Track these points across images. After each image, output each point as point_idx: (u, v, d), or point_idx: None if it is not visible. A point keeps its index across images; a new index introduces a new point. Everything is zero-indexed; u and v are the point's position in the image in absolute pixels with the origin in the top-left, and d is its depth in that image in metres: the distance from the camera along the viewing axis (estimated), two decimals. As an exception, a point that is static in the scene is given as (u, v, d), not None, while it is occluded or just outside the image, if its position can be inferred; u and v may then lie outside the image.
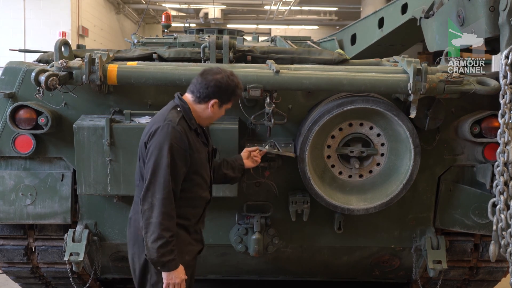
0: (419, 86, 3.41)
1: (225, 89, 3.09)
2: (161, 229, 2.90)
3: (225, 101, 3.13)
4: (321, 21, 25.86)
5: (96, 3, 17.88)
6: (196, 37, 5.30)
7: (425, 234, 4.02)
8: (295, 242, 4.12)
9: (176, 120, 3.00)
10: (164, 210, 2.91)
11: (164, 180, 2.92)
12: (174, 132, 2.95)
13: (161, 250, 2.90)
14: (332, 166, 3.76)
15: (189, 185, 3.07)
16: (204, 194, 3.19)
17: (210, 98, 3.08)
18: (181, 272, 3.01)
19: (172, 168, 2.93)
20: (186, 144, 2.98)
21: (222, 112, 3.18)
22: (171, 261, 2.95)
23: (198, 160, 3.08)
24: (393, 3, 5.11)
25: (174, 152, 2.94)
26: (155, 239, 2.90)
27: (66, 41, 3.72)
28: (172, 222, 2.95)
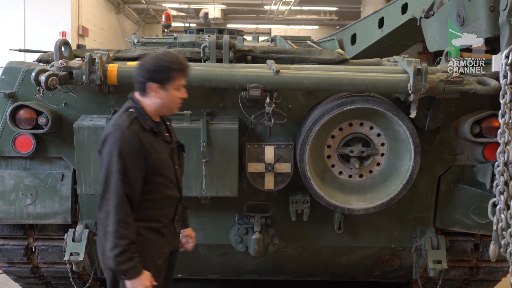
0: (419, 86, 3.41)
1: (157, 69, 2.92)
2: (117, 237, 2.82)
3: (165, 81, 2.93)
4: (321, 21, 25.85)
5: (96, 3, 17.88)
6: (196, 37, 5.30)
7: (425, 234, 4.02)
8: (295, 242, 4.12)
9: (125, 124, 2.89)
10: (117, 218, 2.83)
11: (116, 187, 2.84)
12: (123, 137, 2.86)
13: (119, 259, 2.82)
14: (332, 166, 3.76)
15: (152, 187, 2.98)
16: (171, 193, 3.09)
17: (148, 86, 2.94)
18: (145, 279, 2.90)
19: (124, 174, 2.84)
20: (136, 148, 2.87)
21: (174, 93, 2.97)
22: (131, 269, 2.85)
23: (158, 161, 2.97)
24: (393, 3, 5.11)
25: (124, 157, 2.84)
26: (112, 248, 2.82)
27: (66, 41, 3.72)
28: (128, 230, 2.85)
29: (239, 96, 3.63)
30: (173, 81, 2.94)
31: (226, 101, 3.84)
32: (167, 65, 2.92)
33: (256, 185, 3.84)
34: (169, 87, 2.94)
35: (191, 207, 3.96)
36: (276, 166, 3.80)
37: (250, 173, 3.81)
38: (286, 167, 3.81)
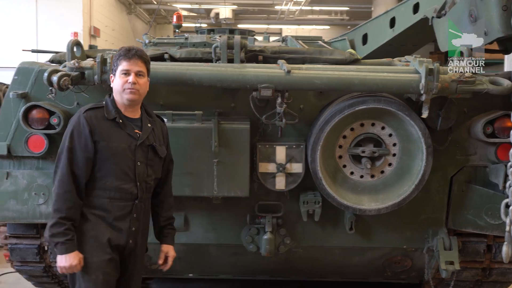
0: (431, 86, 3.39)
1: (112, 62, 3.25)
2: (54, 209, 3.07)
3: (114, 69, 3.20)
4: (332, 21, 25.79)
5: (108, 3, 17.95)
6: (207, 37, 5.30)
7: (438, 235, 4.00)
8: (307, 242, 4.12)
9: (85, 108, 3.17)
10: (58, 191, 3.07)
11: (63, 163, 3.08)
12: (78, 119, 3.13)
13: (52, 230, 3.04)
14: (344, 166, 3.75)
15: (103, 174, 3.14)
16: (125, 186, 3.17)
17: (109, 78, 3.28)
18: (74, 258, 3.05)
19: (70, 152, 3.08)
20: (87, 130, 3.09)
21: (119, 78, 3.15)
22: (61, 244, 3.03)
23: (110, 149, 3.13)
24: (405, 3, 5.09)
25: (74, 137, 3.10)
26: (50, 219, 3.06)
27: (78, 41, 3.74)
28: (66, 205, 3.04)
29: (250, 96, 3.63)
30: (118, 67, 3.17)
31: (237, 101, 3.84)
32: (115, 55, 3.22)
33: (267, 185, 3.84)
34: (117, 73, 3.19)
35: (202, 207, 3.98)
36: (288, 166, 3.80)
37: (261, 173, 3.81)
38: (298, 167, 3.81)
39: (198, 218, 4.06)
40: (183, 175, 3.72)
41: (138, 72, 3.17)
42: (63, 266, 3.04)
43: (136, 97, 3.18)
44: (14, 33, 13.21)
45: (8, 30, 12.10)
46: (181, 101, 3.82)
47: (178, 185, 3.71)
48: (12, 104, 3.82)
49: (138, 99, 3.21)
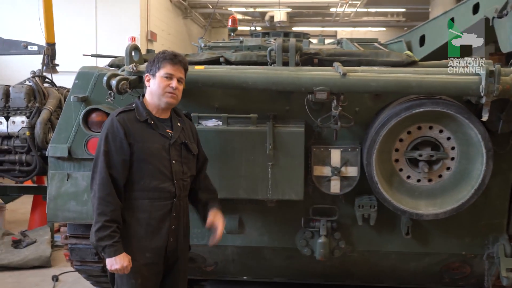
0: (491, 88, 3.30)
1: (150, 61, 3.30)
2: (98, 213, 3.07)
3: (154, 70, 3.25)
4: (388, 22, 25.45)
5: (164, 8, 18.25)
6: (262, 40, 5.32)
7: (498, 241, 3.90)
8: (362, 247, 4.07)
9: (117, 112, 3.23)
10: (99, 195, 3.09)
11: (100, 167, 3.11)
12: (111, 122, 3.17)
13: (98, 234, 3.05)
14: (400, 170, 3.69)
15: (141, 175, 3.18)
16: (163, 185, 3.22)
17: (144, 78, 3.34)
18: (124, 259, 3.08)
19: (108, 155, 3.12)
20: (122, 133, 3.13)
21: (161, 81, 3.22)
22: (109, 247, 3.05)
23: (145, 150, 3.18)
24: (464, 3, 4.97)
25: (109, 140, 3.14)
26: (94, 223, 3.08)
27: (136, 46, 3.81)
28: (109, 208, 3.07)
29: (305, 99, 3.62)
30: (160, 69, 3.23)
31: (292, 104, 3.83)
32: (156, 56, 3.26)
33: (322, 189, 3.82)
34: (157, 75, 3.23)
35: (257, 210, 3.99)
36: (343, 169, 3.77)
37: (316, 176, 3.80)
38: (353, 170, 3.78)
39: (252, 220, 4.07)
40: (238, 178, 3.74)
41: (180, 79, 3.27)
42: (115, 268, 3.08)
43: (175, 102, 3.28)
44: (74, 39, 13.57)
45: (69, 36, 12.43)
46: (236, 104, 3.84)
47: (233, 188, 3.74)
48: (73, 108, 3.94)
49: (175, 103, 3.31)
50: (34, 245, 6.29)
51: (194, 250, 4.17)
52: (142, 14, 15.42)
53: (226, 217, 3.99)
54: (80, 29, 14.49)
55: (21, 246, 6.29)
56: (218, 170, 3.73)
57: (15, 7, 14.16)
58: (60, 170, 3.99)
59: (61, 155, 3.94)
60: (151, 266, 3.23)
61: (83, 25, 14.67)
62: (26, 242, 6.31)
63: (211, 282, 5.34)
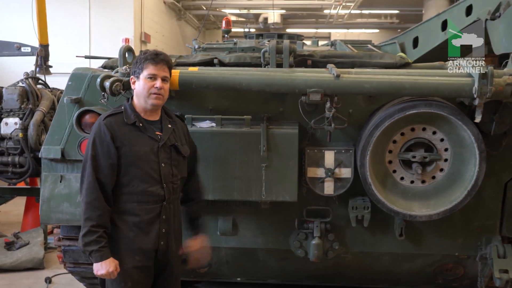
0: (484, 90, 3.31)
1: (134, 63, 3.27)
2: (84, 218, 3.07)
3: (138, 71, 3.22)
4: (382, 24, 25.50)
5: (158, 10, 18.23)
6: (256, 42, 5.32)
7: (491, 243, 3.91)
8: (355, 248, 4.08)
9: (104, 116, 3.20)
10: (87, 200, 3.09)
11: (88, 171, 3.11)
12: (98, 127, 3.16)
13: (85, 239, 3.05)
14: (394, 171, 3.70)
15: (129, 179, 3.16)
16: (151, 188, 3.19)
17: (131, 81, 3.30)
18: (110, 264, 3.07)
19: (94, 159, 3.11)
20: (108, 136, 3.11)
21: (145, 82, 3.19)
22: (95, 252, 3.04)
23: (133, 153, 3.16)
24: (457, 5, 4.99)
25: (96, 144, 3.13)
26: (82, 228, 3.08)
27: (130, 47, 3.81)
28: (96, 213, 3.06)
29: (299, 101, 3.62)
30: (143, 71, 3.20)
31: (286, 106, 3.84)
32: (139, 58, 3.23)
33: (316, 190, 3.83)
34: (141, 76, 3.19)
35: (250, 212, 3.99)
36: (336, 171, 3.77)
37: (310, 178, 3.80)
38: (346, 172, 3.78)
39: (246, 222, 4.07)
40: (232, 179, 3.73)
41: (164, 77, 3.23)
42: (101, 273, 3.07)
43: (161, 102, 3.25)
44: (68, 40, 13.53)
45: (62, 37, 12.41)
46: (230, 105, 3.84)
47: (226, 189, 3.74)
48: (66, 109, 3.93)
49: (161, 103, 3.28)
50: (27, 247, 6.27)
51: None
52: (135, 16, 15.39)
53: (220, 219, 4.00)
54: (74, 31, 14.46)
55: (14, 248, 6.27)
56: (212, 171, 3.73)
57: (8, 8, 14.11)
58: (53, 171, 3.98)
59: (54, 157, 3.93)
60: (141, 269, 3.21)
61: (77, 27, 14.64)
62: (19, 244, 6.29)
63: (204, 284, 5.33)
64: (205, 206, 4.01)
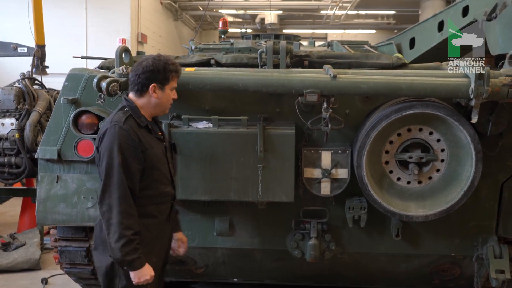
0: (481, 91, 3.31)
1: (155, 70, 3.12)
2: (122, 228, 2.93)
3: (163, 81, 3.15)
4: (379, 25, 25.53)
5: (155, 10, 18.23)
6: (253, 42, 5.32)
7: (487, 243, 3.92)
8: (352, 249, 4.08)
9: (122, 120, 3.05)
10: (122, 209, 2.95)
11: (118, 179, 2.96)
12: (121, 131, 3.00)
13: (125, 249, 2.93)
14: (390, 172, 3.70)
15: (149, 182, 3.11)
16: (167, 189, 3.23)
17: (147, 86, 3.13)
18: (149, 269, 3.04)
19: (125, 166, 2.98)
20: (135, 141, 3.03)
21: (169, 94, 3.20)
22: (136, 260, 2.97)
23: (153, 156, 3.13)
24: (454, 6, 5.00)
25: (124, 150, 2.99)
26: (118, 239, 2.93)
27: (126, 48, 3.79)
28: (132, 220, 2.98)
29: (296, 102, 3.62)
30: (170, 82, 3.18)
31: (283, 107, 3.84)
32: (163, 67, 3.13)
33: (313, 191, 3.83)
34: (166, 88, 3.15)
35: (247, 212, 3.99)
36: (333, 171, 3.77)
37: (306, 178, 3.80)
38: (343, 172, 3.78)
39: (243, 223, 4.07)
40: (228, 180, 3.73)
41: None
42: (145, 279, 3.01)
43: None
44: (64, 41, 13.52)
45: (59, 38, 12.39)
46: (226, 106, 3.84)
47: (223, 190, 3.74)
48: (63, 110, 3.92)
49: None
50: (23, 247, 6.25)
51: (184, 252, 4.16)
52: (132, 16, 15.39)
53: (217, 219, 4.00)
54: (70, 31, 14.45)
55: (10, 249, 6.25)
56: (209, 172, 3.73)
57: (4, 8, 14.10)
58: (50, 172, 3.97)
59: (51, 157, 3.92)
60: (156, 270, 3.17)
61: (73, 27, 14.63)
62: (15, 245, 6.27)
63: (201, 284, 5.33)
64: (201, 207, 4.02)
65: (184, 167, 3.71)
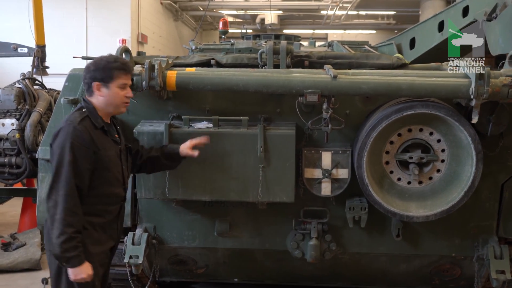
0: (481, 91, 3.32)
1: (96, 68, 3.19)
2: (64, 224, 2.99)
3: (106, 79, 3.18)
4: (379, 25, 25.52)
5: (155, 10, 18.22)
6: (253, 43, 5.32)
7: (488, 243, 3.92)
8: (353, 249, 4.08)
9: (77, 120, 3.11)
10: (66, 206, 3.01)
11: (66, 177, 3.02)
12: (74, 131, 3.06)
13: (64, 246, 2.99)
14: (391, 172, 3.70)
15: (98, 183, 3.17)
16: (117, 190, 3.29)
17: (91, 85, 3.20)
18: (87, 268, 3.08)
19: (74, 165, 3.04)
20: (87, 142, 3.08)
21: (117, 92, 3.21)
22: (75, 257, 3.02)
23: (106, 158, 3.18)
24: (454, 6, 5.00)
25: (75, 149, 3.04)
26: (59, 235, 2.99)
27: (127, 48, 3.80)
28: (76, 218, 3.04)
29: (296, 102, 3.62)
30: (115, 80, 3.19)
31: (283, 107, 3.84)
32: (106, 64, 3.17)
33: (313, 191, 3.83)
34: (111, 85, 3.17)
35: (247, 212, 4.00)
36: (333, 172, 3.77)
37: (307, 178, 3.80)
38: (344, 173, 3.78)
39: (243, 223, 4.07)
40: (229, 180, 3.73)
41: (130, 85, 3.31)
42: (81, 277, 3.06)
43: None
44: (65, 41, 13.51)
45: (59, 38, 12.38)
46: (227, 106, 3.84)
47: (223, 190, 3.73)
48: (63, 110, 3.92)
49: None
50: (24, 247, 6.25)
51: (185, 252, 4.17)
52: (132, 17, 15.39)
53: (217, 220, 4.00)
54: (71, 31, 14.45)
55: (10, 249, 6.25)
56: (209, 172, 3.73)
57: (5, 9, 14.09)
58: (51, 172, 3.96)
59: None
60: (104, 266, 3.32)
61: (74, 27, 14.63)
62: (16, 245, 6.27)
63: (202, 285, 5.33)
64: (202, 207, 4.01)
65: (184, 167, 3.71)
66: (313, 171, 3.80)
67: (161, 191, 3.77)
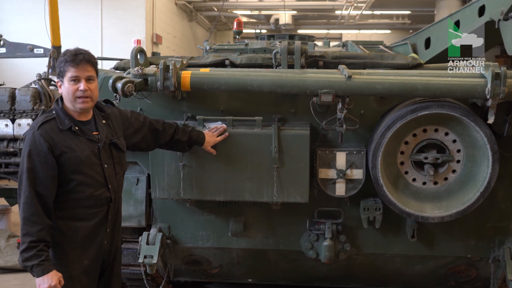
0: (497, 91, 3.29)
1: (57, 65, 3.10)
2: (22, 234, 2.94)
3: (61, 74, 3.08)
4: (394, 25, 25.41)
5: (170, 11, 18.28)
6: (267, 43, 5.32)
7: (504, 244, 3.89)
8: (367, 249, 4.07)
9: (37, 124, 3.02)
10: (24, 215, 2.94)
11: (24, 185, 2.95)
12: (32, 137, 2.98)
13: (24, 255, 2.92)
14: (406, 172, 3.68)
15: (73, 185, 3.04)
16: (98, 192, 3.12)
17: (57, 84, 3.15)
18: (52, 278, 2.94)
19: (32, 172, 2.95)
20: (45, 147, 2.95)
21: (68, 86, 3.05)
22: (36, 266, 2.92)
23: (74, 159, 3.02)
24: (470, 5, 4.96)
25: (33, 156, 2.95)
26: (20, 244, 2.95)
27: (141, 48, 3.81)
28: (34, 228, 2.92)
29: (311, 102, 3.61)
30: (66, 74, 3.06)
31: (298, 107, 3.83)
32: (61, 59, 3.07)
33: (327, 191, 3.82)
34: (64, 80, 3.06)
35: (262, 213, 4.00)
36: (348, 172, 3.76)
37: (321, 179, 3.79)
38: (358, 173, 3.77)
39: (257, 223, 4.07)
40: (243, 180, 3.74)
41: (88, 77, 3.09)
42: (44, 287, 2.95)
43: (90, 105, 3.14)
44: (80, 42, 13.59)
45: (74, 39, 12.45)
46: (241, 106, 3.84)
47: (238, 191, 3.74)
48: (79, 110, 3.94)
49: (91, 106, 3.16)
50: (39, 247, 6.29)
51: (199, 252, 4.18)
52: (147, 17, 15.45)
53: (231, 220, 4.00)
54: (86, 32, 14.54)
55: (26, 248, 6.29)
56: (223, 172, 3.73)
57: (21, 10, 14.21)
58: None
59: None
60: (90, 273, 3.17)
61: (89, 28, 14.72)
62: (32, 244, 6.31)
63: (216, 285, 5.34)
64: (216, 207, 4.02)
65: (199, 167, 3.72)
66: (327, 171, 3.79)
67: (176, 191, 3.78)
